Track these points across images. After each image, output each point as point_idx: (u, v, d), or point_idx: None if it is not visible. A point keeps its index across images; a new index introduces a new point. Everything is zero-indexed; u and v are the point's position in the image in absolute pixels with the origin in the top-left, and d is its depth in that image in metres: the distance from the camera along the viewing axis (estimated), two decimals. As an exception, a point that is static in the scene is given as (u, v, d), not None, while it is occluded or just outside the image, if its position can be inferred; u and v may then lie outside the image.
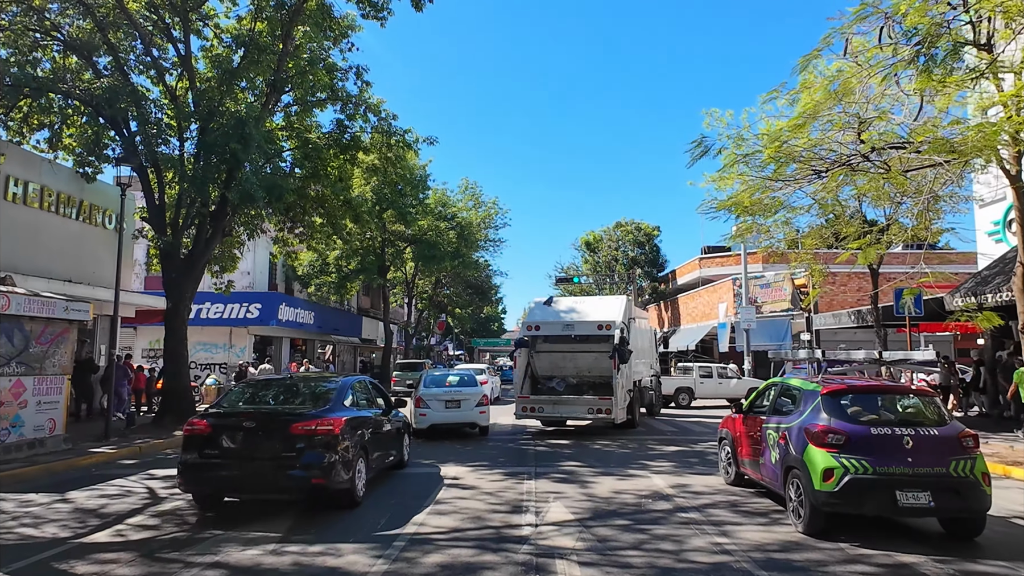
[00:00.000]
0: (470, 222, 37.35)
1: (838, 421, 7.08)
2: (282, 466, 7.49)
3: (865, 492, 6.64)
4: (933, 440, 6.81)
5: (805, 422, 7.32)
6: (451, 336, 72.68)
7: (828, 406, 7.30)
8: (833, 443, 6.88)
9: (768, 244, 17.40)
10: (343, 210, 18.58)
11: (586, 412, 15.84)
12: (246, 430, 7.68)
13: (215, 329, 30.37)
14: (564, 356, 17.73)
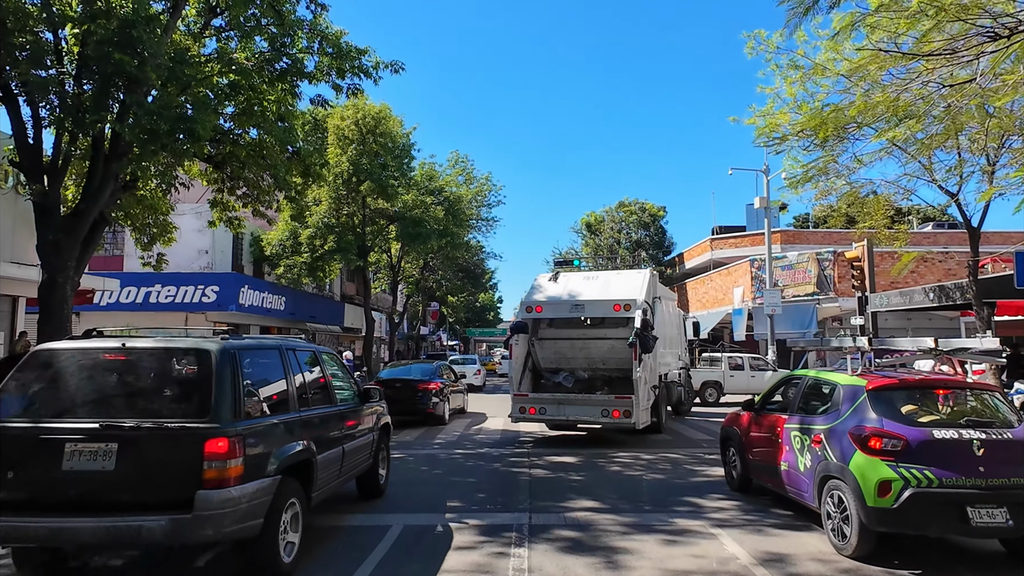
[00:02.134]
0: (460, 197, 33.21)
1: (892, 423, 6.05)
2: (414, 402, 14.88)
3: (931, 509, 5.65)
4: (1007, 445, 5.82)
5: (849, 424, 6.29)
6: (445, 326, 68.66)
7: (877, 404, 6.25)
8: (889, 450, 5.85)
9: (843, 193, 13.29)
10: (290, 163, 14.53)
11: (600, 415, 11.89)
12: (396, 387, 14.89)
13: (168, 316, 26.29)
14: (573, 344, 13.76)
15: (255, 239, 30.50)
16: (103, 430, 4.66)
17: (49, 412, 4.89)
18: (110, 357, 5.16)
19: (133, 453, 4.63)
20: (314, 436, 5.87)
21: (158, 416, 4.79)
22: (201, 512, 4.47)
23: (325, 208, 29.58)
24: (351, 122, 28.96)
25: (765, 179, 27.33)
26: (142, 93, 11.77)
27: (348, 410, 7.00)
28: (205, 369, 4.93)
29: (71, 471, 4.59)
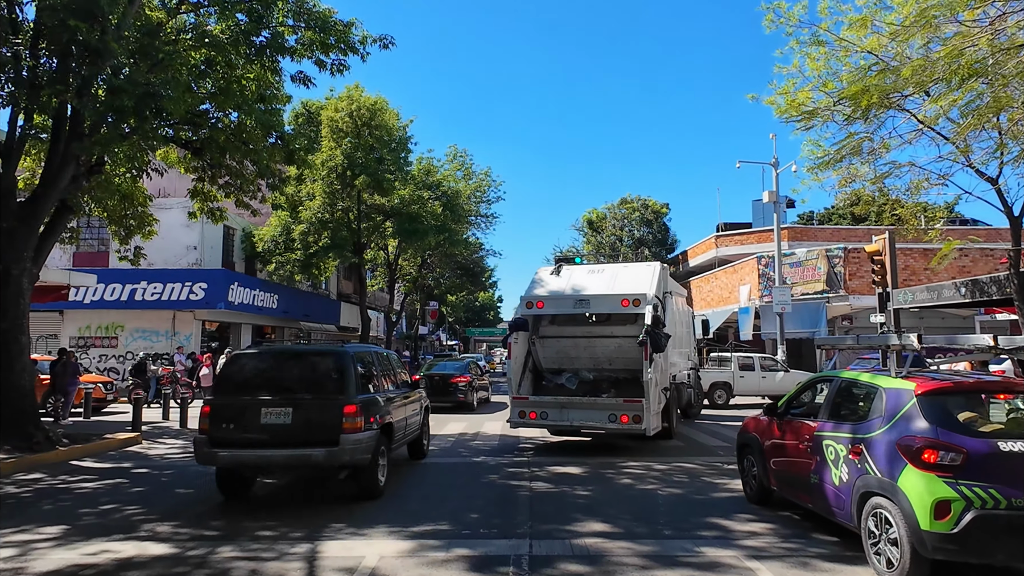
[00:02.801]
0: (458, 192, 32.08)
1: (949, 433, 5.14)
2: (449, 392, 17.53)
3: (998, 534, 4.75)
4: None
5: (897, 433, 5.42)
6: (445, 325, 67.60)
7: (929, 411, 5.36)
8: (946, 464, 4.96)
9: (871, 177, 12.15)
10: (273, 148, 13.42)
11: (607, 420, 10.79)
12: (436, 380, 17.63)
13: (155, 313, 25.22)
14: (576, 343, 12.66)
15: (247, 235, 29.42)
16: (285, 400, 7.56)
17: (250, 390, 7.75)
18: (283, 357, 8.43)
19: (302, 413, 7.50)
20: (392, 408, 8.79)
21: (315, 392, 7.68)
22: (343, 447, 7.34)
23: (319, 203, 28.47)
24: (345, 114, 27.85)
25: (774, 172, 26.24)
26: (107, 68, 10.69)
27: (406, 393, 9.91)
28: (339, 364, 7.87)
29: (266, 424, 7.48)
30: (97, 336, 25.51)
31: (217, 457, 7.42)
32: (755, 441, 7.75)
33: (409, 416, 9.62)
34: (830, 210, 54.60)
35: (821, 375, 7.68)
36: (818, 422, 6.62)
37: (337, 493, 8.15)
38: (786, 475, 7.07)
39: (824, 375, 7.53)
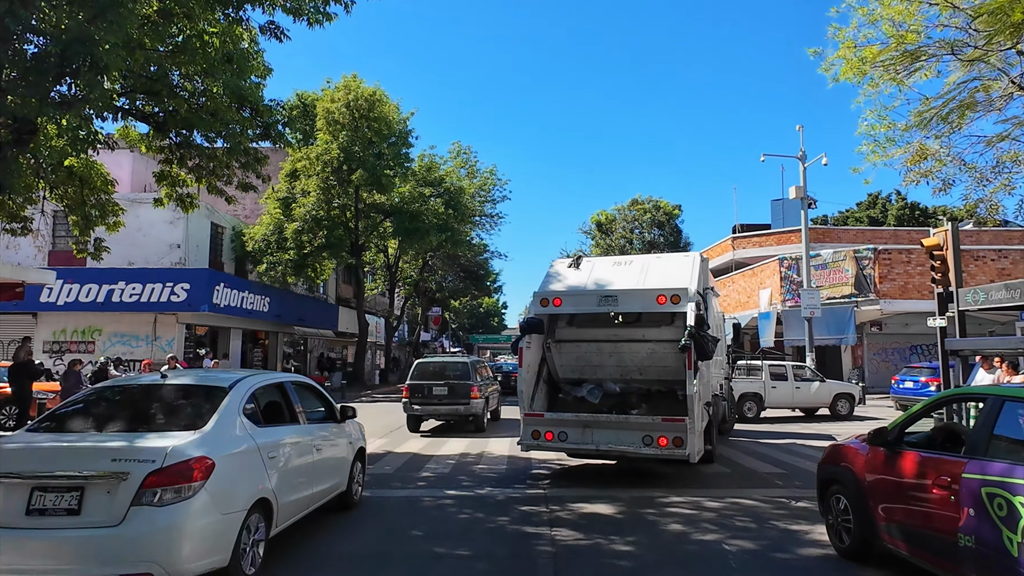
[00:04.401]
0: (461, 189, 30.07)
1: None
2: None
3: None
4: None
5: None
6: (448, 332, 65.48)
7: None
8: None
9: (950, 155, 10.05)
10: (244, 121, 11.41)
11: (641, 443, 8.66)
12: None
13: (135, 317, 23.18)
14: (600, 348, 10.54)
15: (237, 234, 27.40)
16: (443, 382, 15.01)
17: (426, 376, 15.18)
18: (440, 360, 16.62)
19: (454, 386, 14.88)
20: (488, 388, 16.60)
21: (456, 379, 15.05)
22: (470, 403, 14.84)
23: (313, 200, 26.52)
24: (342, 104, 25.93)
25: (801, 167, 24.13)
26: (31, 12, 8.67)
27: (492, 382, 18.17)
28: (465, 365, 15.59)
29: (434, 394, 14.88)
30: (73, 340, 23.48)
31: (413, 408, 14.97)
32: (849, 477, 5.75)
33: (490, 395, 16.72)
34: (844, 214, 52.52)
35: (961, 391, 5.68)
36: (969, 459, 4.67)
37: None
38: (910, 530, 5.06)
39: (968, 391, 5.49)
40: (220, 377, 5.80)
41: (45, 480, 4.35)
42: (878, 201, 50.84)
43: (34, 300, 22.33)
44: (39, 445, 4.68)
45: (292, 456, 5.77)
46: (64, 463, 4.40)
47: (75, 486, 4.31)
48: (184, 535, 4.33)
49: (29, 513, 4.27)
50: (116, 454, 4.42)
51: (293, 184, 27.79)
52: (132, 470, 4.30)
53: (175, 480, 4.34)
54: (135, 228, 23.76)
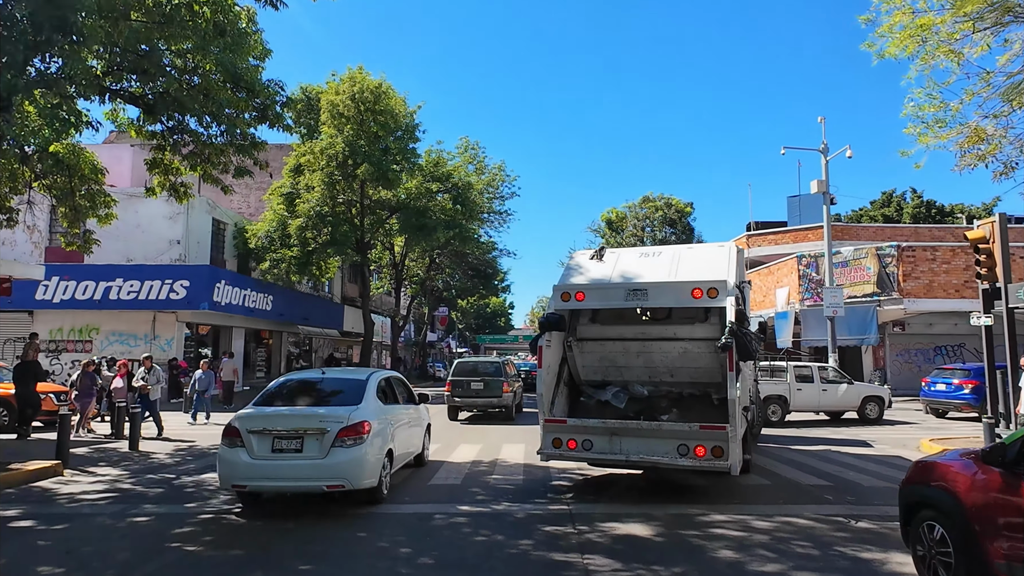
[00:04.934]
0: (470, 184, 29.14)
1: None
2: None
3: None
4: None
5: None
6: (454, 332, 64.61)
7: None
8: None
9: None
10: (238, 101, 10.53)
11: (676, 453, 7.72)
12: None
13: (133, 315, 22.36)
14: (626, 347, 9.59)
15: (239, 230, 26.59)
16: (479, 378, 17.55)
17: (464, 374, 17.85)
18: (476, 360, 20.80)
19: (490, 382, 17.47)
20: (516, 385, 19.41)
21: (491, 376, 17.67)
22: (502, 398, 17.37)
23: (318, 196, 25.63)
24: (347, 97, 25.03)
25: (823, 160, 23.11)
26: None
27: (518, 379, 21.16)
28: (499, 365, 18.47)
29: (471, 388, 17.47)
30: (70, 340, 22.68)
31: (454, 400, 17.45)
32: (949, 502, 4.73)
33: (517, 390, 19.01)
34: (858, 212, 51.31)
35: None
36: None
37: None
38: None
39: None
40: (359, 372, 9.10)
41: (281, 433, 7.16)
42: (892, 199, 49.64)
43: (29, 297, 21.54)
44: (272, 413, 7.53)
45: (399, 424, 8.74)
46: (291, 423, 7.27)
47: (298, 436, 7.15)
48: (360, 464, 7.16)
49: (274, 451, 7.12)
50: (321, 418, 7.29)
51: (297, 179, 26.93)
52: (330, 427, 7.13)
53: (354, 433, 7.19)
54: (134, 224, 22.98)
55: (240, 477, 7.02)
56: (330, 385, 8.40)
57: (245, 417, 7.36)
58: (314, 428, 7.12)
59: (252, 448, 7.08)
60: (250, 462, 7.01)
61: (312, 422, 7.20)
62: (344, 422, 7.17)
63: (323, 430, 7.09)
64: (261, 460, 7.03)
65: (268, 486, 7.24)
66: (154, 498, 8.02)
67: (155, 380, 13.82)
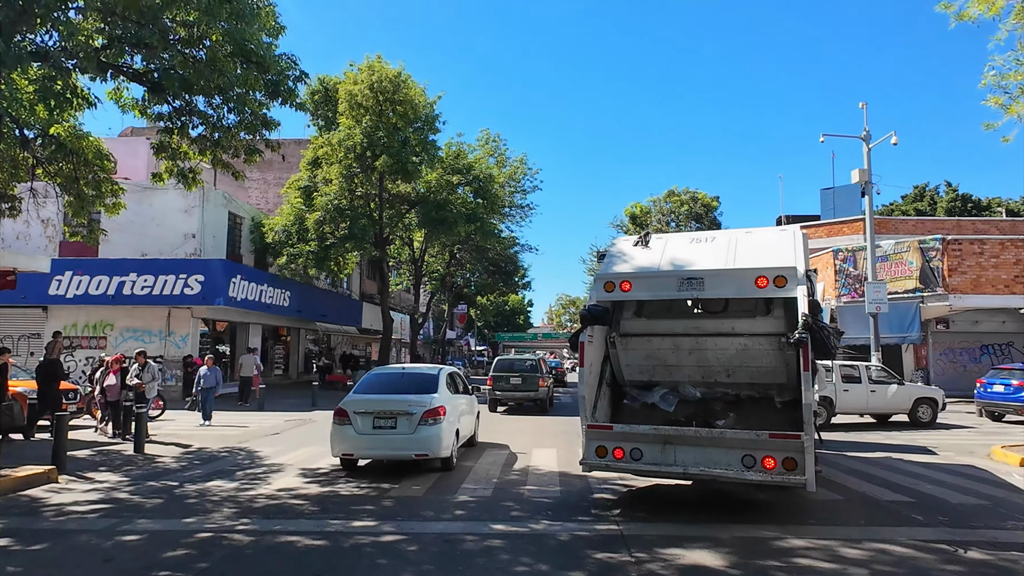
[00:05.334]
0: (491, 176, 28.14)
1: None
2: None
3: None
4: None
5: None
6: (473, 330, 63.73)
7: None
8: None
9: None
10: (247, 76, 9.64)
11: (740, 465, 6.69)
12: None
13: (148, 311, 21.70)
14: (677, 344, 8.54)
15: (256, 225, 25.86)
16: (518, 374, 19.37)
17: (503, 370, 19.75)
18: (514, 358, 22.75)
19: (528, 377, 19.22)
20: (550, 380, 21.22)
21: (528, 373, 19.33)
22: (539, 392, 19.08)
23: (335, 189, 24.81)
24: (365, 86, 24.14)
25: (865, 148, 21.78)
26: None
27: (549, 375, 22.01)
28: (536, 363, 20.19)
29: (511, 383, 19.23)
30: (84, 336, 22.07)
31: (495, 393, 19.17)
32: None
33: (552, 385, 21.18)
34: (889, 207, 49.54)
35: None
36: None
37: None
38: None
39: None
40: (431, 368, 10.99)
41: (380, 414, 9.03)
42: (926, 193, 47.82)
43: (43, 293, 20.98)
44: (372, 398, 9.38)
45: (461, 409, 10.59)
46: (387, 407, 9.11)
47: (392, 416, 9.02)
48: (439, 438, 9.06)
49: (374, 428, 9.01)
50: (409, 403, 9.13)
51: (314, 172, 26.16)
52: (416, 410, 9.01)
53: (434, 414, 9.06)
54: (148, 217, 22.34)
55: (348, 448, 9.15)
56: (411, 378, 10.30)
57: (351, 401, 9.32)
58: (405, 411, 9.03)
59: (357, 425, 9.07)
60: (356, 436, 9.06)
61: (403, 406, 9.09)
62: (427, 406, 9.13)
63: (411, 412, 9.01)
64: (365, 435, 9.05)
65: (370, 454, 9.30)
66: (150, 511, 7.13)
67: (150, 377, 12.82)
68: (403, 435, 8.94)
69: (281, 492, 8.03)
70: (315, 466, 9.92)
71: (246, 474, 9.28)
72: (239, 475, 9.20)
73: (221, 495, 7.85)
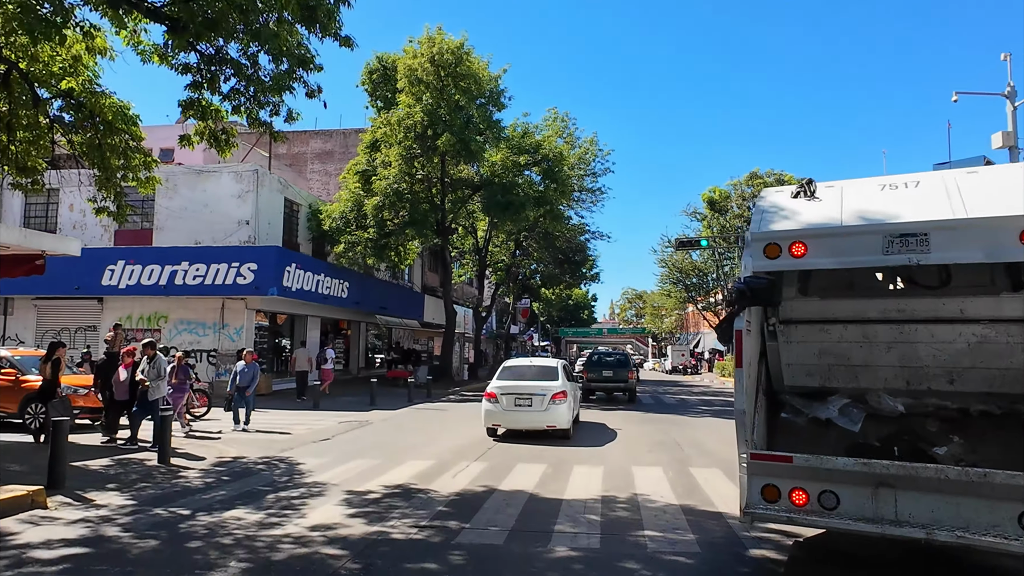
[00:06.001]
0: (560, 155, 25.71)
1: None
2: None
3: None
4: None
5: None
6: (536, 325, 61.44)
7: None
8: None
9: None
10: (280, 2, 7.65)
11: (1019, 525, 4.01)
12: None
13: (201, 302, 20.37)
14: (868, 334, 5.96)
15: (313, 212, 24.30)
16: (609, 367, 21.05)
17: (593, 363, 21.77)
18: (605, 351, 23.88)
19: (618, 370, 20.74)
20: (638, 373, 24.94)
21: (619, 368, 20.82)
22: (628, 383, 20.79)
23: (395, 172, 22.96)
24: (425, 60, 22.16)
25: (1009, 107, 18.20)
26: None
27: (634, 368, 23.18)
28: (626, 357, 22.08)
29: (603, 375, 20.84)
30: (138, 328, 20.89)
31: (590, 384, 20.31)
32: None
33: (637, 377, 22.86)
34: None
35: None
36: None
37: None
38: None
39: None
40: (551, 361, 14.21)
41: (520, 395, 11.76)
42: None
43: (96, 283, 19.94)
44: (512, 384, 12.06)
45: (573, 392, 13.40)
46: (525, 390, 11.80)
47: (528, 397, 11.69)
48: (563, 415, 11.72)
49: (515, 406, 11.74)
50: (541, 387, 11.80)
51: (373, 156, 24.42)
52: (546, 393, 11.65)
53: (559, 396, 11.70)
54: (202, 204, 21.03)
55: (496, 420, 11.95)
56: (538, 369, 12.94)
57: (498, 387, 11.95)
58: (538, 393, 11.66)
59: (503, 404, 11.78)
60: (502, 412, 11.81)
61: (537, 390, 11.69)
62: (554, 390, 11.74)
63: (543, 394, 11.62)
64: (508, 411, 11.77)
65: (513, 426, 11.92)
66: (132, 561, 5.13)
67: (155, 375, 10.72)
68: (537, 411, 11.60)
69: (314, 532, 5.92)
70: (364, 487, 7.81)
71: (278, 498, 7.25)
72: (269, 499, 7.18)
73: (237, 535, 5.81)
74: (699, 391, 27.78)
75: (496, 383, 12.09)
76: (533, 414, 11.54)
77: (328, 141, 37.90)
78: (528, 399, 11.62)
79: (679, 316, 68.08)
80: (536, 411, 11.53)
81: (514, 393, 11.73)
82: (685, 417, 16.63)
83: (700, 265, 43.28)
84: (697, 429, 14.12)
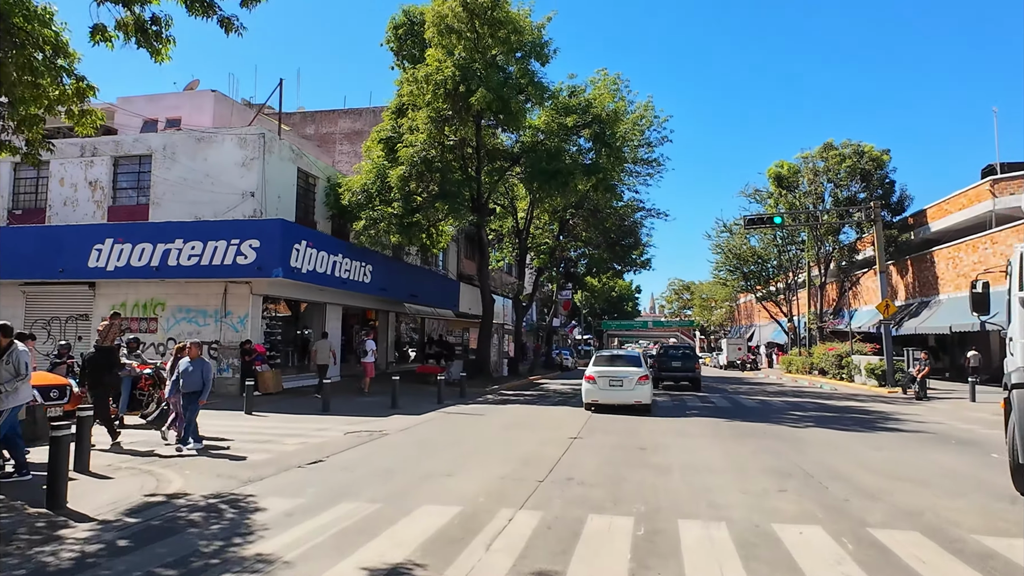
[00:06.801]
0: (615, 114, 21.97)
1: None
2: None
3: None
4: None
5: None
6: (578, 317, 57.64)
7: None
8: None
9: None
10: None
11: None
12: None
13: (201, 286, 17.40)
14: None
15: (332, 187, 21.17)
16: (678, 359, 23.56)
17: (663, 355, 24.50)
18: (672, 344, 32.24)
19: (686, 362, 23.30)
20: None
21: (687, 360, 23.37)
22: (695, 373, 22.89)
23: (424, 137, 19.63)
24: (457, 3, 18.71)
25: None
26: None
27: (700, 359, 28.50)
28: (691, 349, 25.86)
29: (671, 366, 23.24)
30: (133, 317, 18.06)
31: (661, 374, 22.44)
32: None
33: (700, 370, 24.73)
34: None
35: None
36: None
37: None
38: None
39: None
40: (633, 351, 18.15)
41: (612, 378, 14.81)
42: None
43: (82, 266, 17.14)
44: (606, 369, 15.11)
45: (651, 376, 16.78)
46: (617, 374, 14.87)
47: (619, 379, 14.76)
48: (647, 394, 14.83)
49: (610, 386, 14.74)
50: (629, 371, 14.95)
51: (399, 122, 21.14)
52: (633, 375, 14.77)
53: (644, 379, 14.84)
54: (203, 173, 17.99)
55: (595, 398, 14.70)
56: (623, 358, 16.14)
57: (596, 371, 14.94)
58: (628, 376, 14.64)
59: (600, 384, 14.68)
60: (600, 391, 14.68)
61: (626, 373, 14.71)
62: (640, 373, 14.78)
63: (631, 377, 14.61)
64: (604, 390, 14.65)
65: (608, 402, 14.66)
66: None
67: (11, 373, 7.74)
68: (627, 390, 14.51)
69: None
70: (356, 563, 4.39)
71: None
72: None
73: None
74: (773, 390, 23.74)
75: (593, 368, 15.20)
76: (624, 392, 14.52)
77: (357, 120, 34.96)
78: (620, 381, 14.64)
79: (729, 308, 63.39)
80: (626, 390, 14.53)
81: (608, 376, 14.74)
82: (786, 427, 12.80)
83: (760, 251, 38.97)
84: (816, 447, 10.34)
